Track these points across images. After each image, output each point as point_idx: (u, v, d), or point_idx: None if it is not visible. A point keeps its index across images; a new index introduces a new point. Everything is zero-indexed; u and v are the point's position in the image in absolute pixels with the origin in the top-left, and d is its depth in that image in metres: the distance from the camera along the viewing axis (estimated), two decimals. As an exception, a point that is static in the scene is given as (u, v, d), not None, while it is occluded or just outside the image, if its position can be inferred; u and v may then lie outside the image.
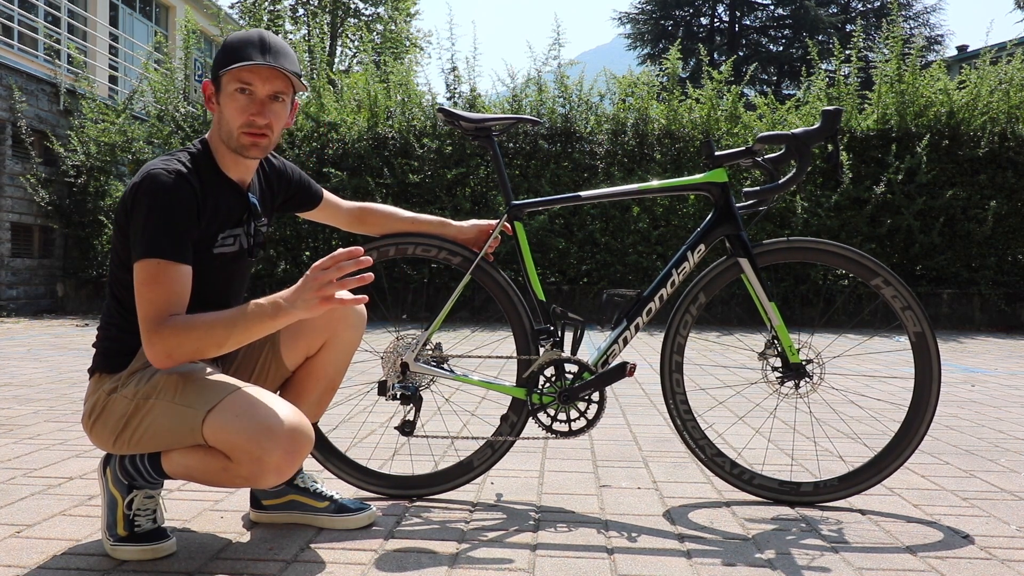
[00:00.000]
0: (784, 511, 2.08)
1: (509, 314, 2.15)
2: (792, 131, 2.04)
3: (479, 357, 2.28)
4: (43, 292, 9.79)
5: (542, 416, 2.09)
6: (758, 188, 2.08)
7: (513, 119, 2.14)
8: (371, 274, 1.55)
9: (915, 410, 2.08)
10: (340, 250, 1.52)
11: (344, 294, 1.58)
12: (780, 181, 2.07)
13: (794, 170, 2.07)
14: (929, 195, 8.67)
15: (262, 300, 1.57)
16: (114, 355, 1.71)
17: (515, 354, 2.15)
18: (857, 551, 1.78)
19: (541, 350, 2.11)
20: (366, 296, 1.60)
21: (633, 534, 1.87)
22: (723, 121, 9.05)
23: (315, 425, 2.04)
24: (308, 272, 1.54)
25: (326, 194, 2.11)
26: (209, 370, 1.67)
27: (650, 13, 23.62)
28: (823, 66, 9.23)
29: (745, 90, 12.68)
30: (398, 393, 2.06)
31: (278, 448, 1.50)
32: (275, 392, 1.90)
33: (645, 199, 8.82)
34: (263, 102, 1.67)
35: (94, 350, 1.76)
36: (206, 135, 1.77)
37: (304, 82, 1.72)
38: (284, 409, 1.55)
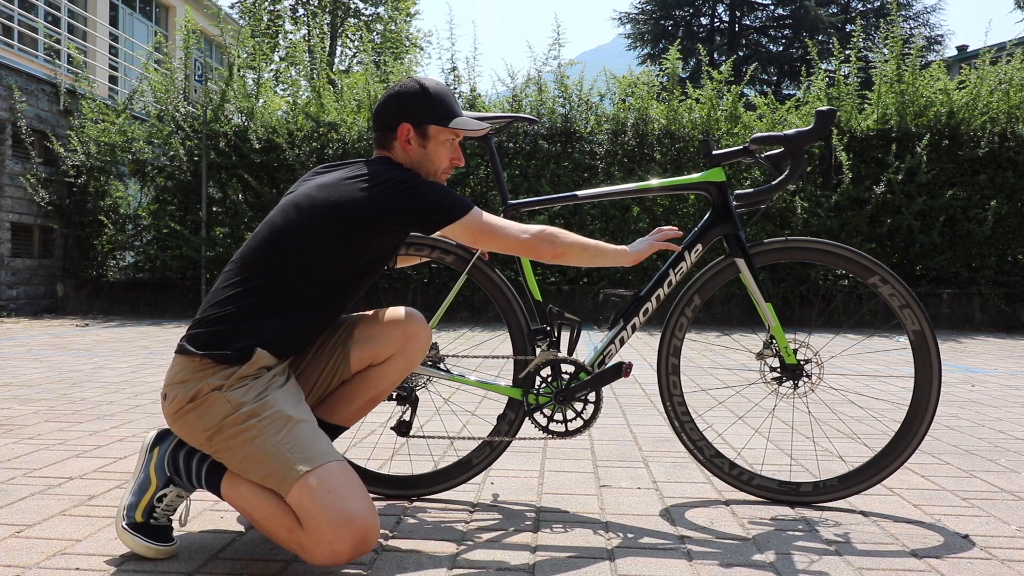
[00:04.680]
0: (784, 511, 2.08)
1: (506, 314, 2.15)
2: (785, 132, 2.04)
3: (475, 357, 2.28)
4: (43, 292, 9.80)
5: (538, 416, 2.09)
6: (749, 191, 2.09)
7: (509, 118, 2.14)
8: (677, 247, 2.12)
9: (915, 410, 2.08)
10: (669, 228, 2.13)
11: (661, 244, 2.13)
12: (773, 183, 2.07)
13: (787, 171, 2.07)
14: (929, 195, 8.67)
15: (607, 245, 2.01)
16: (229, 338, 1.64)
17: (512, 354, 2.15)
18: (857, 551, 1.78)
19: (537, 350, 2.11)
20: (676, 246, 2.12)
21: (633, 534, 1.87)
22: (723, 121, 9.05)
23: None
24: (651, 235, 2.12)
25: None
26: (315, 421, 1.67)
27: (650, 13, 23.61)
28: (823, 66, 9.24)
29: (745, 90, 12.69)
30: (394, 393, 2.06)
31: (349, 540, 1.52)
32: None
33: (645, 199, 8.83)
34: (457, 147, 1.96)
35: (197, 329, 1.67)
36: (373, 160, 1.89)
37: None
38: (367, 506, 1.56)
